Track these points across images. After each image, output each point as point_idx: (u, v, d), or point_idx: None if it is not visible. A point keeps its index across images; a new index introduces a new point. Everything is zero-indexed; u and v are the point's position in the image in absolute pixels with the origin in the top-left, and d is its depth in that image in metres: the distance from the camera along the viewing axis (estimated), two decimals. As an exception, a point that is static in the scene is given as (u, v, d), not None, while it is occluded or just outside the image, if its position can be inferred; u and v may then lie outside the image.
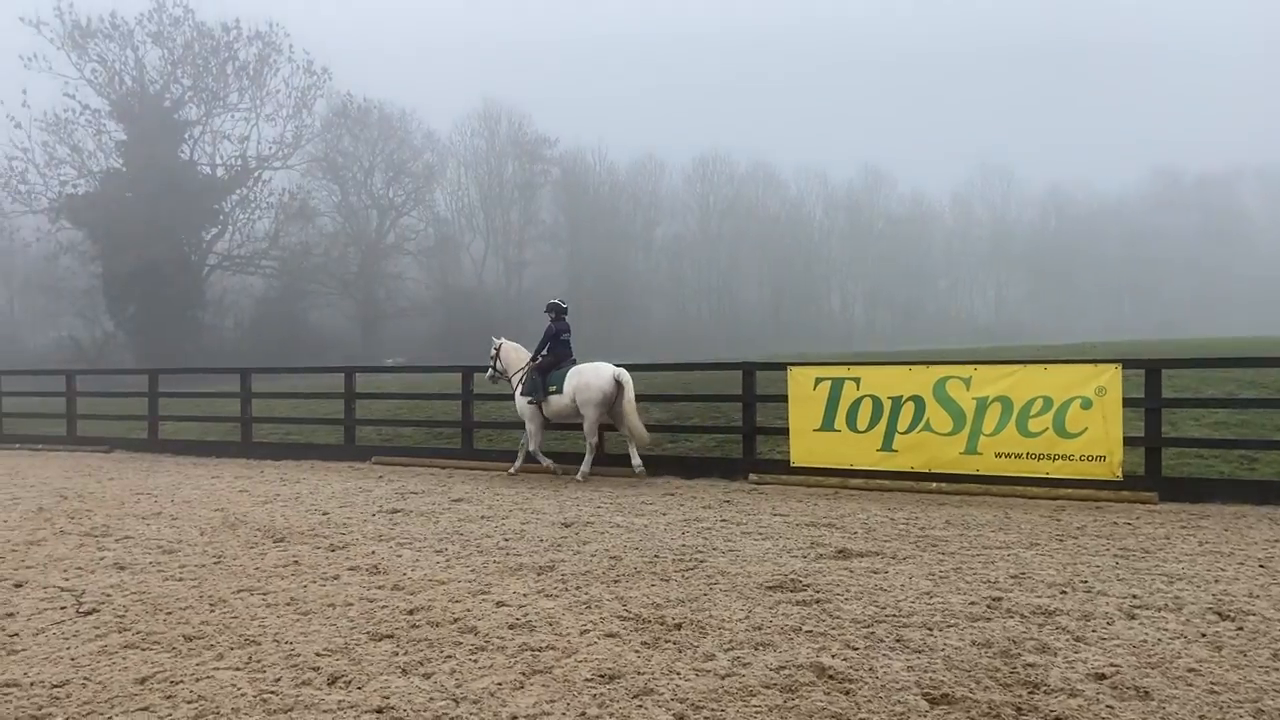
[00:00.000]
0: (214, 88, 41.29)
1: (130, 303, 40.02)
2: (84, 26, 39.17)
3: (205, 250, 43.31)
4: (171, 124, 40.95)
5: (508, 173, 59.28)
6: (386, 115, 51.14)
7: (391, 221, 52.45)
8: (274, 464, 13.44)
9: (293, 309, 47.39)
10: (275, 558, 7.08)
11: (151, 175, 38.94)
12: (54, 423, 16.99)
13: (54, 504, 9.91)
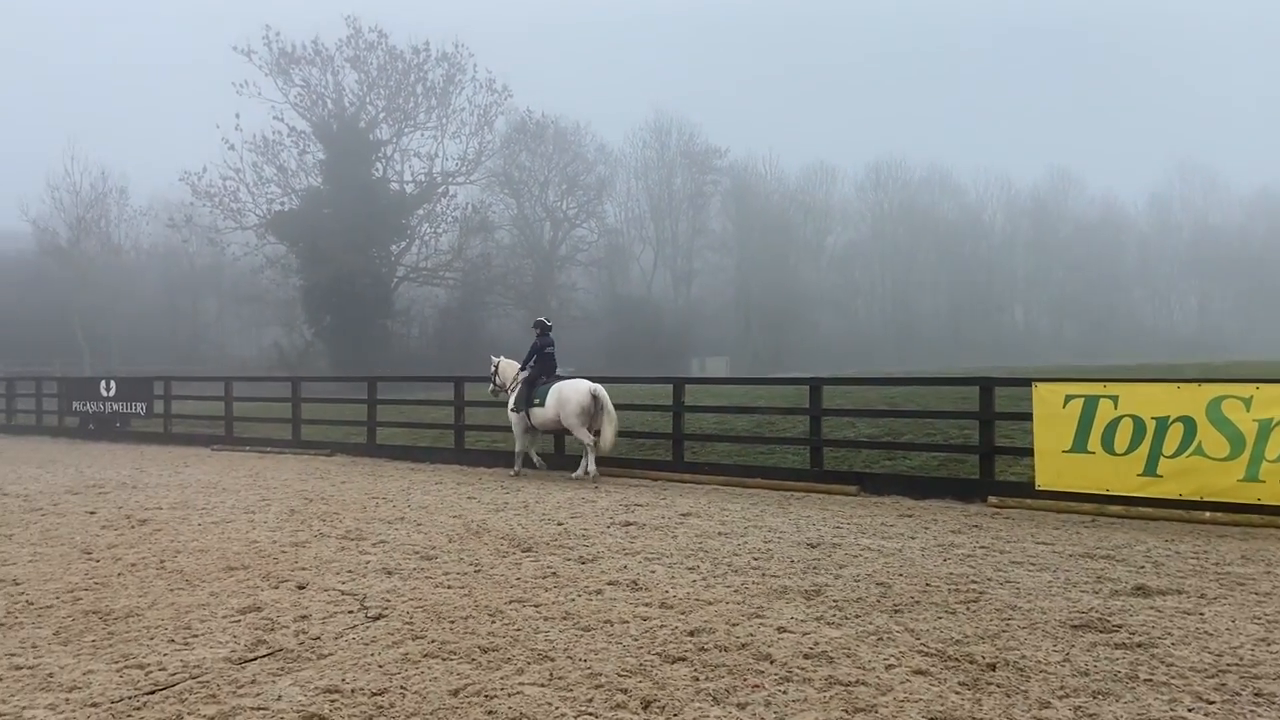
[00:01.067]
0: (405, 108, 43.37)
1: (327, 312, 42.44)
2: (290, 54, 41.95)
3: (394, 263, 45.46)
4: (366, 143, 43.26)
5: (677, 183, 59.70)
6: (562, 130, 52.44)
7: (564, 233, 53.66)
8: (488, 470, 13.76)
9: (472, 319, 49.12)
10: (531, 569, 7.11)
11: (348, 192, 41.23)
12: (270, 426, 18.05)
13: (302, 506, 10.41)
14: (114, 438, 19.73)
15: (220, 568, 7.31)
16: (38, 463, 15.50)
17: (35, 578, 7.00)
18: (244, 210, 42.85)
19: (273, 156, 42.40)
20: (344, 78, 42.95)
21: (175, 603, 6.27)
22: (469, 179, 46.66)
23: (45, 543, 8.39)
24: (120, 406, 19.85)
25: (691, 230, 60.34)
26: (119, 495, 11.43)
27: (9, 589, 6.67)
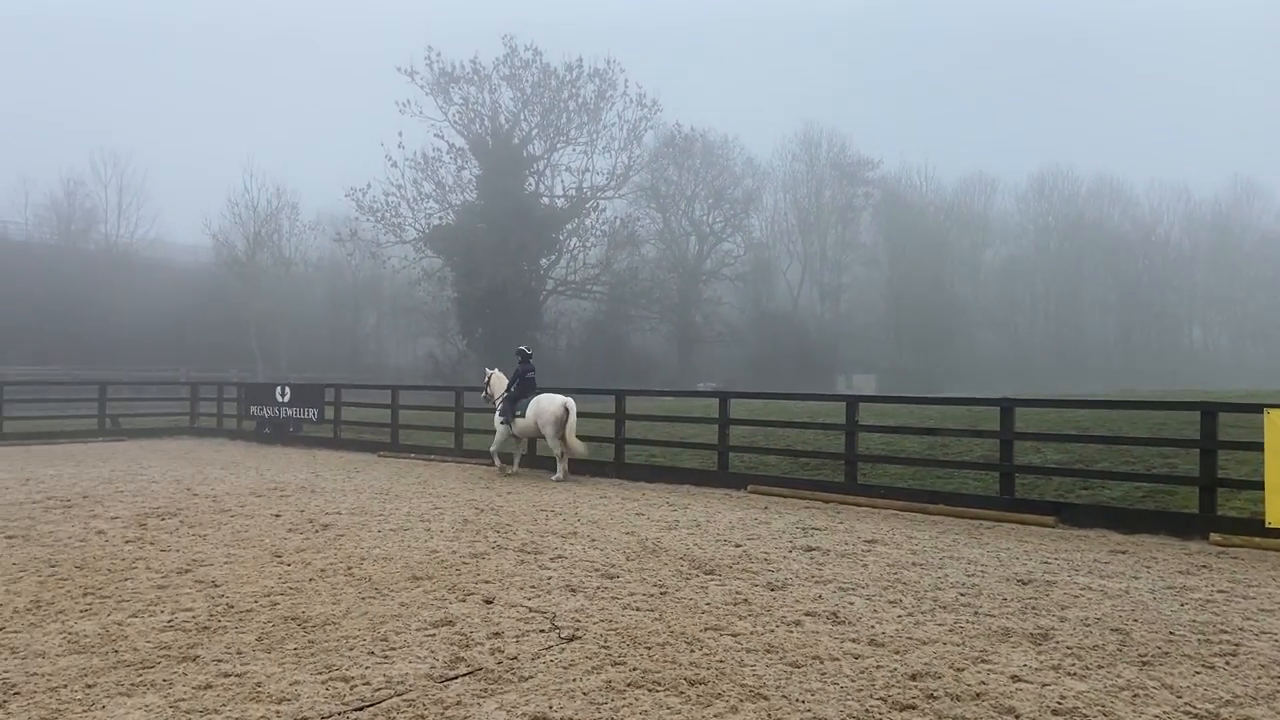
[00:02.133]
0: (558, 123, 44.13)
1: (480, 324, 43.47)
2: (450, 73, 43.33)
3: (543, 276, 46.23)
4: (519, 159, 44.21)
5: (826, 196, 58.60)
6: (710, 143, 52.34)
7: (710, 247, 53.43)
8: (649, 486, 13.54)
9: (618, 332, 49.44)
10: (719, 594, 6.77)
11: (502, 207, 42.19)
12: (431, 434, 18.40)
13: (474, 516, 10.40)
14: (287, 441, 20.58)
15: (406, 577, 7.27)
16: (221, 464, 16.23)
17: (232, 580, 7.13)
18: (404, 225, 44.46)
19: (432, 173, 43.88)
20: (500, 95, 44.14)
21: (368, 612, 6.23)
22: (617, 193, 47.12)
23: (237, 545, 8.61)
24: (294, 412, 20.70)
25: (840, 244, 59.07)
26: (299, 499, 11.74)
27: (209, 590, 6.79)
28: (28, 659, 5.16)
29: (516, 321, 42.53)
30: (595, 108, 44.76)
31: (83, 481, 13.39)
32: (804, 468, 14.15)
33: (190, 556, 8.00)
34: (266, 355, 42.94)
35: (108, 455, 17.81)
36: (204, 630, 5.77)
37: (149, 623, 5.92)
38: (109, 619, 6.00)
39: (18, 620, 5.93)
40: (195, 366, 39.93)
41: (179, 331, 43.88)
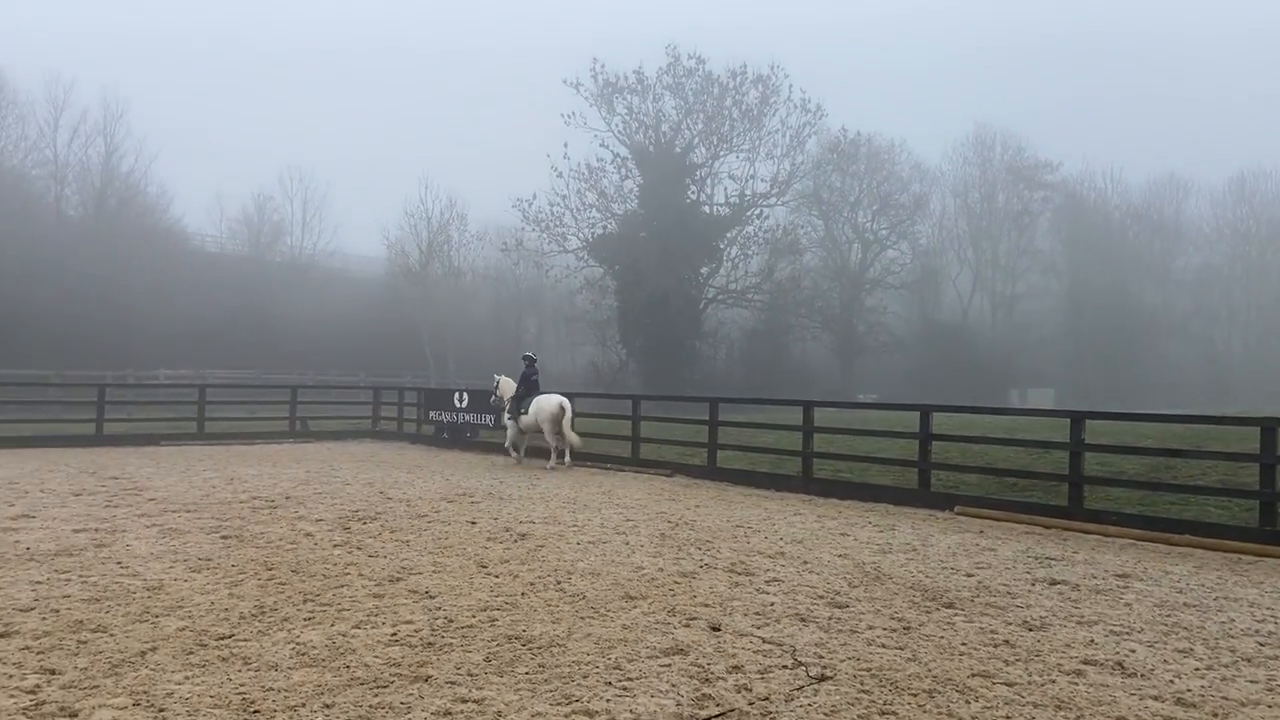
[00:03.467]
0: (720, 131, 43.74)
1: (640, 332, 43.51)
2: (614, 84, 43.65)
3: (704, 284, 45.88)
4: (681, 167, 44.07)
5: (999, 200, 55.84)
6: (875, 148, 50.77)
7: (874, 255, 51.78)
8: (841, 503, 12.80)
9: (778, 341, 48.53)
10: (971, 632, 6.05)
11: (663, 215, 42.12)
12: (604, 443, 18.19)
13: (670, 530, 9.98)
14: (465, 446, 20.85)
15: (619, 596, 6.89)
16: (406, 468, 16.49)
17: (445, 592, 6.91)
18: (567, 234, 45.09)
19: (595, 182, 44.30)
20: (663, 104, 44.16)
21: (591, 634, 5.85)
22: (779, 200, 46.28)
23: (441, 552, 8.46)
24: (471, 417, 20.97)
25: (1015, 251, 56.10)
26: (490, 505, 11.64)
27: (426, 602, 6.59)
28: (261, 671, 5.01)
29: (677, 330, 42.35)
30: (758, 114, 44.14)
31: (282, 482, 13.77)
32: (1011, 488, 13.14)
33: (398, 564, 7.88)
34: (437, 362, 44.28)
35: (300, 456, 18.44)
36: (429, 647, 5.51)
37: (373, 635, 5.73)
38: (333, 629, 5.84)
39: (245, 626, 5.85)
40: (372, 372, 41.56)
41: (356, 338, 45.85)
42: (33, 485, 12.71)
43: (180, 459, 17.38)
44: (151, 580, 7.01)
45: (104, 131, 44.17)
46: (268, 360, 40.41)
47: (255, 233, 54.63)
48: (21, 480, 13.28)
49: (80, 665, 4.97)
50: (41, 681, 4.70)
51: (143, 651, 5.24)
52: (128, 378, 32.74)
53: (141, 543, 8.53)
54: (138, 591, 6.63)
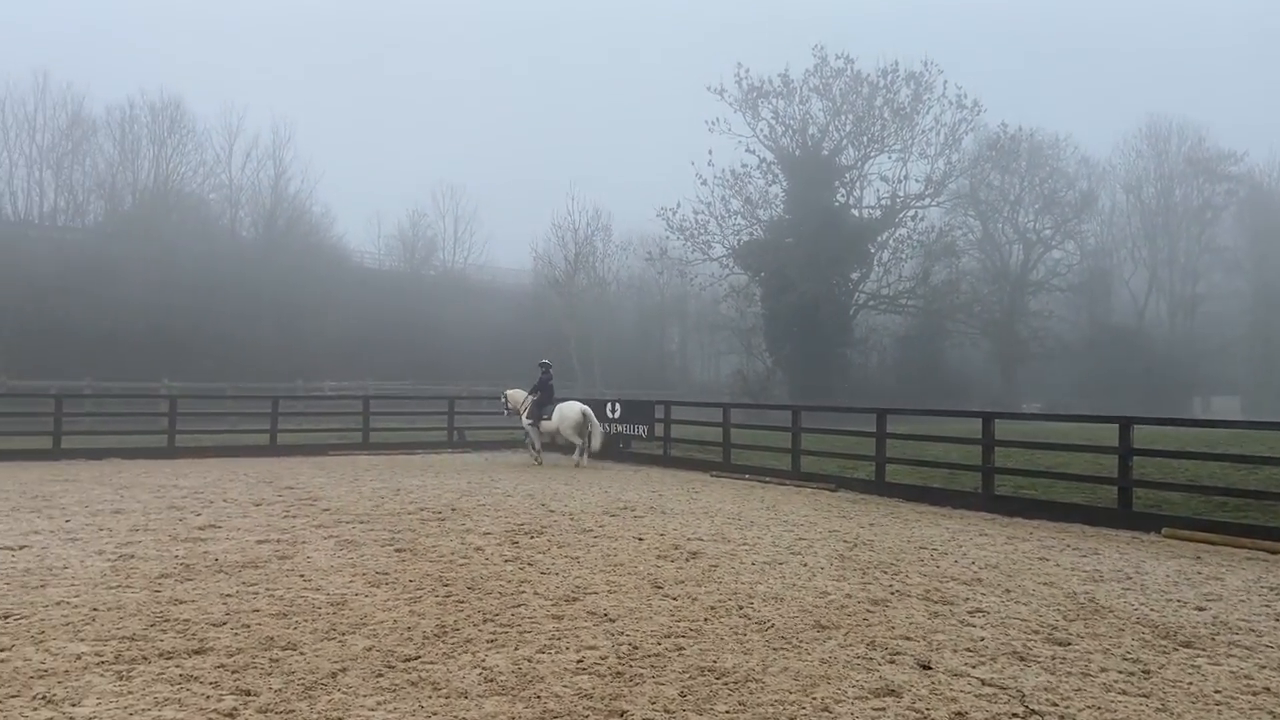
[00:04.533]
0: (871, 131, 42.49)
1: (787, 341, 42.66)
2: (758, 88, 43.05)
3: (853, 290, 44.63)
4: (829, 170, 43.04)
5: (1177, 195, 52.08)
6: (1037, 143, 48.21)
7: (1037, 256, 49.16)
8: (1027, 522, 11.89)
9: (932, 348, 46.69)
10: (1222, 678, 5.30)
11: (811, 220, 41.20)
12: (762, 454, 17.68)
13: (847, 551, 9.41)
14: (617, 457, 20.72)
15: (809, 624, 6.41)
16: (563, 479, 16.43)
17: (625, 614, 6.60)
18: (711, 242, 44.68)
19: (740, 189, 43.78)
20: (810, 106, 43.25)
21: (788, 668, 5.41)
22: (934, 201, 44.52)
23: (612, 570, 8.18)
24: (625, 428, 20.84)
25: (1196, 249, 52.15)
26: (654, 520, 11.34)
27: (606, 625, 6.29)
28: (452, 699, 4.79)
29: (826, 337, 41.32)
30: (910, 112, 42.66)
31: (446, 493, 13.89)
32: (1220, 508, 11.92)
33: (572, 582, 7.64)
34: (583, 371, 44.70)
35: (460, 467, 18.71)
36: (619, 677, 5.19)
37: (559, 661, 5.46)
38: (518, 653, 5.60)
39: (430, 648, 5.68)
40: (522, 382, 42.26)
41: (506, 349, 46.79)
42: (215, 495, 13.23)
43: (348, 468, 17.89)
44: (334, 595, 6.99)
45: (273, 156, 46.67)
46: (422, 372, 41.65)
47: (410, 248, 56.59)
48: (205, 490, 13.86)
49: (274, 686, 4.89)
50: (238, 704, 4.62)
51: (333, 673, 5.13)
52: (297, 389, 34.31)
53: (321, 555, 8.62)
54: (322, 607, 6.60)
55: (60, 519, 10.64)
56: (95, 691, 4.74)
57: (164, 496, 12.88)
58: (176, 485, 14.33)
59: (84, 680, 4.91)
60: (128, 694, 4.72)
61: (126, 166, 43.05)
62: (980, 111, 43.34)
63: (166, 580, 7.39)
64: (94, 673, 5.03)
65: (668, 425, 19.98)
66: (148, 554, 8.49)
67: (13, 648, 5.45)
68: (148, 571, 7.70)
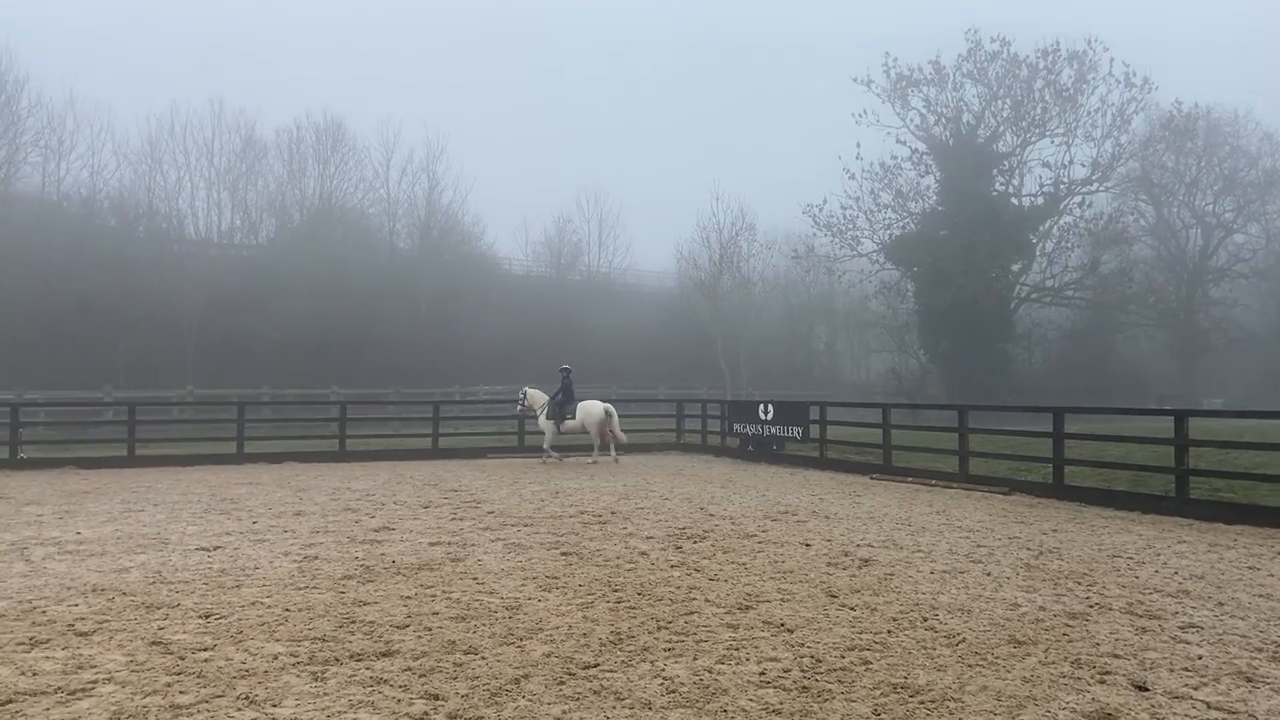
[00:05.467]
0: (1031, 115, 40.44)
1: (943, 337, 41.11)
2: (908, 77, 41.68)
3: (1014, 282, 42.60)
4: (985, 158, 41.22)
5: (1380, 168, 47.28)
6: (1215, 120, 44.74)
7: (1218, 241, 45.62)
8: (1228, 528, 10.92)
9: (1103, 342, 44.03)
10: None
11: (967, 211, 39.54)
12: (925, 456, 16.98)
13: (1032, 559, 8.84)
14: (772, 459, 20.38)
15: (1002, 639, 6.00)
16: (719, 482, 16.24)
17: (803, 625, 6.36)
18: (860, 238, 43.52)
19: (889, 182, 42.47)
20: (964, 93, 41.50)
21: (987, 686, 5.06)
22: (1101, 186, 41.89)
23: (782, 578, 7.94)
24: (778, 430, 20.47)
25: (1406, 226, 47.21)
26: (818, 525, 11.01)
27: (785, 636, 6.07)
28: (637, 710, 4.69)
29: (986, 333, 39.57)
30: (1073, 94, 40.28)
31: (603, 496, 13.94)
32: None
33: (742, 589, 7.45)
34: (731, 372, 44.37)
35: (614, 470, 18.79)
36: (805, 692, 4.97)
37: (740, 673, 5.28)
38: (696, 663, 5.46)
39: (608, 655, 5.61)
40: (669, 384, 42.36)
41: (651, 351, 47.01)
42: (386, 497, 13.71)
43: (507, 471, 18.26)
44: (508, 599, 7.04)
45: (427, 169, 48.44)
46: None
47: (556, 254, 57.66)
48: (376, 492, 14.39)
49: (460, 691, 4.90)
50: (428, 709, 4.65)
51: (516, 679, 5.11)
52: (454, 394, 35.44)
53: (491, 558, 8.73)
54: (498, 611, 6.64)
55: (248, 520, 11.23)
56: (293, 692, 4.88)
57: (339, 499, 13.43)
58: (349, 488, 14.95)
59: (282, 681, 5.06)
60: (323, 695, 4.83)
61: (294, 185, 45.60)
62: (1151, 89, 40.53)
63: (349, 582, 7.63)
64: (290, 673, 5.19)
65: (823, 426, 19.49)
66: (329, 555, 8.82)
67: (215, 647, 5.70)
68: (331, 573, 7.97)
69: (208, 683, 5.01)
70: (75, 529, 10.52)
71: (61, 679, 5.06)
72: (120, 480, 16.32)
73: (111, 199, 41.78)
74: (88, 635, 5.96)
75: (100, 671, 5.20)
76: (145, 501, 13.15)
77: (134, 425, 20.35)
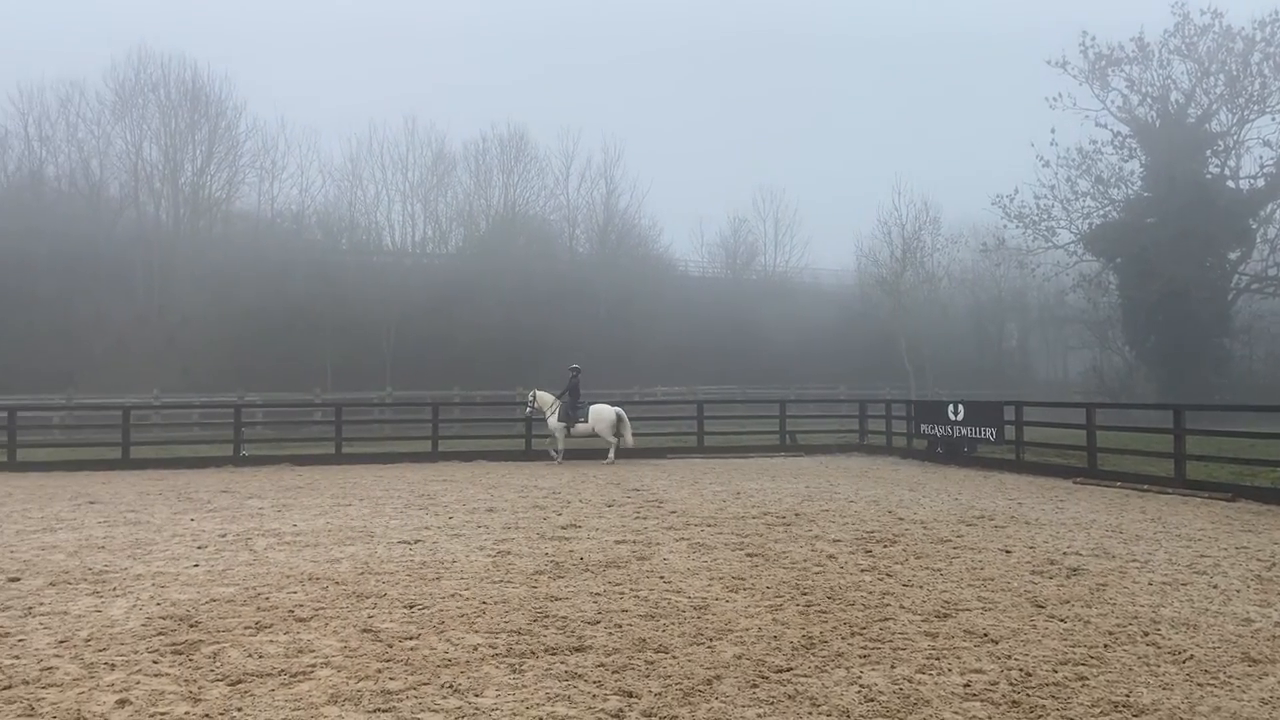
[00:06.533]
0: (1250, 91, 37.03)
1: (1151, 332, 38.26)
2: (1107, 56, 39.05)
3: (1230, 272, 39.12)
4: (1197, 138, 38.05)
5: None
6: None
7: None
8: None
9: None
10: None
11: (1177, 196, 36.59)
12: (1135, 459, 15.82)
13: (1265, 571, 8.01)
14: (962, 462, 19.49)
15: (1236, 657, 5.50)
16: (907, 485, 15.69)
17: (1007, 635, 6.01)
18: (1055, 228, 41.14)
19: (1088, 168, 39.91)
20: (1171, 70, 38.49)
21: (1220, 707, 4.65)
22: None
23: (981, 585, 7.54)
24: (969, 431, 19.56)
25: None
26: (1018, 531, 10.41)
27: (989, 648, 5.74)
28: (833, 718, 4.54)
29: (1199, 327, 36.50)
30: (1299, 65, 36.63)
31: (785, 498, 13.72)
32: None
33: (939, 596, 7.12)
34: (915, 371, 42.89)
35: (795, 471, 18.50)
36: (1015, 707, 4.68)
37: (943, 684, 5.03)
38: (895, 672, 5.24)
39: (801, 659, 5.47)
40: (849, 384, 41.43)
41: (830, 351, 46.13)
42: (571, 495, 14.02)
43: (687, 471, 18.32)
44: (695, 598, 7.01)
45: (604, 174, 49.50)
46: (746, 375, 42.06)
47: (731, 254, 57.55)
48: (561, 490, 14.76)
49: (654, 689, 4.91)
50: (623, 706, 4.67)
51: (708, 679, 5.07)
52: (633, 395, 35.98)
53: (676, 557, 8.74)
54: (686, 610, 6.63)
55: (444, 516, 11.75)
56: (493, 683, 5.02)
57: (527, 496, 13.86)
58: (536, 486, 15.40)
59: (482, 671, 5.22)
60: (521, 688, 4.94)
61: (481, 195, 47.65)
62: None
63: (540, 577, 7.82)
64: (490, 664, 5.35)
65: (1019, 427, 18.47)
66: (521, 551, 9.08)
67: (420, 636, 5.95)
68: (523, 568, 8.20)
69: (414, 670, 5.23)
70: (292, 522, 11.32)
71: (284, 662, 5.42)
72: (329, 476, 17.48)
73: (318, 214, 45.07)
74: (306, 621, 6.36)
75: (318, 656, 5.53)
76: (352, 496, 14.01)
77: (340, 425, 21.80)
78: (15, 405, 21.50)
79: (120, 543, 9.74)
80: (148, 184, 40.54)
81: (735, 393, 38.46)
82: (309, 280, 38.72)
